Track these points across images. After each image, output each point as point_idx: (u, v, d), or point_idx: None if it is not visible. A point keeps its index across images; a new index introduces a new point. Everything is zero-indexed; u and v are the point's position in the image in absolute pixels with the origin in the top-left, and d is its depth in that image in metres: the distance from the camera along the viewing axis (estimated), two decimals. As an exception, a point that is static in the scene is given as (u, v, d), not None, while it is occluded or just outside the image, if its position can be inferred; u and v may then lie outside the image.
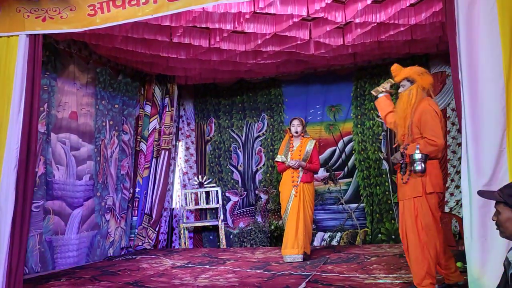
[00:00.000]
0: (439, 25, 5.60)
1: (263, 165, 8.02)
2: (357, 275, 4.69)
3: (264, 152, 8.03)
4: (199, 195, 8.02)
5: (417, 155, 3.73)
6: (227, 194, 8.13)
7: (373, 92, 4.50)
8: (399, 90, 4.12)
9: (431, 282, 3.72)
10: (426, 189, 3.77)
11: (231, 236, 7.92)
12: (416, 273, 3.76)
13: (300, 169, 5.86)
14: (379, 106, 4.42)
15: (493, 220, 2.40)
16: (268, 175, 7.91)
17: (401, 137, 3.99)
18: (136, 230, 7.41)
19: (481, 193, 2.53)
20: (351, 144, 7.53)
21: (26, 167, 4.28)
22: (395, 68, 4.17)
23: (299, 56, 6.72)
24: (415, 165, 3.74)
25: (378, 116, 7.37)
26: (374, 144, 7.36)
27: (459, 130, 3.53)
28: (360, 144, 7.45)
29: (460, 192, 3.41)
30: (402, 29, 5.63)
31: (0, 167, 4.19)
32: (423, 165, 3.72)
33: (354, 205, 7.37)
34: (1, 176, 4.17)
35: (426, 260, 3.71)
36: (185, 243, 7.80)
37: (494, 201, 2.41)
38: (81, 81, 6.38)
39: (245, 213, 8.02)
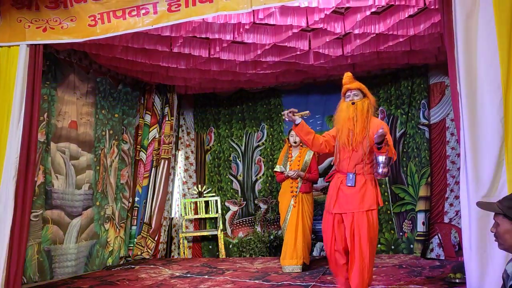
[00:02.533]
0: (438, 36, 5.63)
1: (263, 174, 8.01)
2: (356, 286, 4.66)
3: (263, 162, 8.03)
4: (198, 204, 8.02)
5: (383, 158, 3.75)
6: (226, 203, 8.11)
7: (292, 115, 4.15)
8: (350, 98, 4.10)
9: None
10: (379, 202, 3.90)
11: (230, 246, 7.89)
12: (361, 282, 3.87)
13: (299, 179, 5.86)
14: (302, 131, 4.15)
15: (492, 232, 2.40)
16: (267, 184, 7.90)
17: (357, 144, 3.97)
18: (135, 239, 7.40)
19: (480, 204, 2.53)
20: (350, 154, 7.51)
21: (25, 176, 4.30)
22: (349, 75, 4.17)
23: (298, 66, 6.74)
24: (379, 167, 3.78)
25: (377, 126, 7.36)
26: (373, 154, 7.34)
27: (458, 141, 3.55)
28: (359, 154, 7.43)
29: (460, 202, 3.41)
30: (401, 40, 5.66)
31: (-1, 177, 4.20)
32: (388, 169, 3.78)
33: (353, 215, 7.33)
34: (0, 185, 4.20)
35: (371, 272, 3.92)
36: (184, 252, 7.77)
37: (493, 213, 2.41)
38: (81, 90, 6.40)
39: (244, 222, 8.00)
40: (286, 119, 4.11)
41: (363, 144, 3.95)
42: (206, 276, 5.63)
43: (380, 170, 3.79)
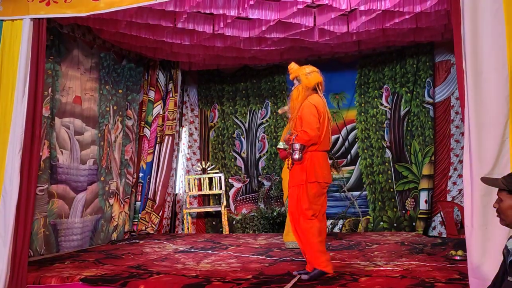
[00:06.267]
0: (444, 13, 5.56)
1: (266, 152, 8.03)
2: (358, 262, 4.72)
3: (267, 139, 8.04)
4: (202, 181, 8.06)
5: (296, 145, 4.09)
6: (230, 180, 8.16)
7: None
8: (293, 88, 4.42)
9: (327, 259, 4.06)
10: (307, 178, 4.08)
11: (234, 222, 7.96)
12: (310, 255, 4.05)
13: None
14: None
15: (494, 208, 2.42)
16: (271, 162, 7.93)
17: (293, 131, 4.26)
18: (140, 214, 7.47)
19: (484, 180, 2.54)
20: (354, 132, 7.53)
21: (31, 151, 4.31)
22: (291, 67, 4.45)
23: (303, 43, 6.70)
24: (293, 153, 4.10)
25: (381, 105, 7.36)
26: (377, 133, 7.36)
27: (462, 119, 3.54)
28: (363, 132, 7.45)
29: (463, 181, 3.42)
30: (407, 17, 5.59)
31: (5, 151, 4.22)
32: (300, 154, 4.07)
33: (356, 193, 7.39)
34: (6, 160, 4.21)
35: (313, 241, 4.02)
36: (188, 228, 7.85)
37: (496, 189, 2.43)
38: (85, 65, 6.39)
39: (247, 199, 8.06)
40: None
41: (293, 128, 4.24)
42: (210, 251, 5.69)
43: (294, 156, 4.10)
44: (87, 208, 6.35)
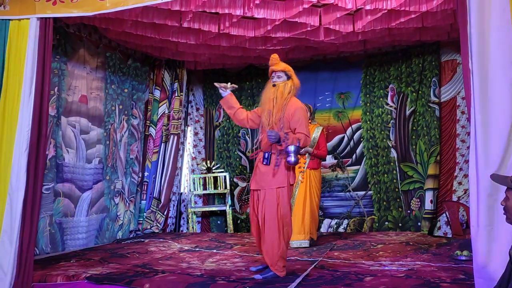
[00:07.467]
0: (450, 12, 5.54)
1: (271, 151, 8.02)
2: (363, 261, 4.72)
3: (272, 139, 8.02)
4: (207, 180, 8.07)
5: (292, 147, 3.95)
6: (235, 179, 8.16)
7: (218, 85, 4.58)
8: (274, 80, 4.30)
9: (283, 265, 4.10)
10: (289, 180, 4.05)
11: (239, 221, 7.97)
12: (271, 256, 4.04)
13: (307, 155, 5.87)
14: (227, 103, 4.54)
15: (502, 205, 2.43)
16: (276, 161, 7.91)
17: (273, 125, 4.14)
18: (145, 213, 7.49)
19: (494, 177, 2.55)
20: (359, 131, 7.52)
21: (37, 149, 4.33)
22: (276, 57, 4.34)
23: (308, 42, 6.69)
24: (290, 156, 3.95)
25: (387, 104, 7.35)
26: (382, 132, 7.34)
27: (468, 119, 3.52)
28: (368, 131, 7.43)
29: (468, 181, 3.41)
30: (413, 16, 5.57)
31: (11, 149, 4.24)
32: (297, 157, 3.98)
33: (361, 193, 7.39)
34: (13, 158, 4.22)
35: (281, 245, 4.04)
36: (193, 227, 7.86)
37: (504, 188, 2.43)
38: (91, 65, 6.41)
39: (252, 198, 8.04)
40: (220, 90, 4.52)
41: (277, 125, 4.12)
42: (215, 250, 5.70)
43: (288, 159, 3.98)
44: (93, 207, 6.38)
